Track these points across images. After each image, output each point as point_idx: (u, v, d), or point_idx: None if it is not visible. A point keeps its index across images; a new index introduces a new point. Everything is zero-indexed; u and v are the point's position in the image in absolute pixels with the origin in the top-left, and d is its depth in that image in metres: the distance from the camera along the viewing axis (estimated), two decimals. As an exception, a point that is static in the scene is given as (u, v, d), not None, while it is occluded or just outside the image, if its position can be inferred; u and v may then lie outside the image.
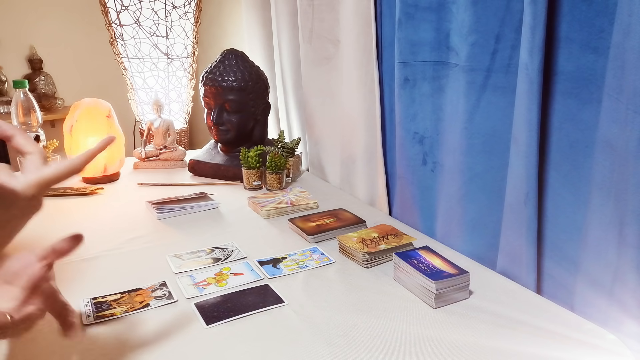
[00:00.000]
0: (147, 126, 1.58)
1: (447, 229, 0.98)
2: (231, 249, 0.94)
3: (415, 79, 0.99)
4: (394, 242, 0.91)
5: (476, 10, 0.81)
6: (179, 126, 2.37)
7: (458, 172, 0.92)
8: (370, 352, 0.63)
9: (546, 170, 0.77)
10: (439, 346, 0.64)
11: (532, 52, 0.70)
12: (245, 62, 1.38)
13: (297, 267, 0.87)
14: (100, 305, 0.74)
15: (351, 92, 1.20)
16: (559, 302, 0.75)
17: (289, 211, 1.15)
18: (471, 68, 0.84)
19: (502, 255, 0.86)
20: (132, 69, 2.21)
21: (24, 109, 1.31)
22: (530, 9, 0.69)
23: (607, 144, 0.67)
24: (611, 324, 0.68)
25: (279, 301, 0.75)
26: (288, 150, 1.39)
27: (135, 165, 1.55)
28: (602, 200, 0.68)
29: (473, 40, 0.83)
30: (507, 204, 0.82)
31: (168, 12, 2.12)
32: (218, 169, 1.42)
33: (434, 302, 0.73)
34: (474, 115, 0.86)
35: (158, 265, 0.88)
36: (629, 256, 0.63)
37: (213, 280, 0.82)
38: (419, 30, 0.95)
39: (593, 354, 0.63)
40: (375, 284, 0.81)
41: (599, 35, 0.66)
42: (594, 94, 0.69)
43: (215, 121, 1.36)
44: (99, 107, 1.36)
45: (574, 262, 0.75)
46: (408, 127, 1.03)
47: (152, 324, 0.69)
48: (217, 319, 0.70)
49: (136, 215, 1.13)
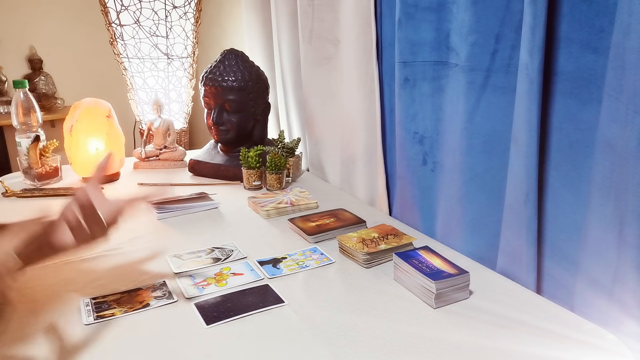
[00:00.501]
0: (147, 126, 1.58)
1: (447, 229, 0.98)
2: (231, 249, 0.94)
3: (415, 79, 0.99)
4: (394, 242, 0.91)
5: (476, 10, 0.81)
6: (179, 126, 2.37)
7: (458, 172, 0.92)
8: (370, 352, 0.63)
9: (546, 170, 0.77)
10: (439, 346, 0.64)
11: (532, 52, 0.70)
12: (245, 62, 1.38)
13: (297, 267, 0.87)
14: (100, 305, 0.74)
15: (351, 92, 1.20)
16: (559, 302, 0.75)
17: (289, 211, 1.15)
18: (471, 68, 0.84)
19: (502, 255, 0.86)
20: (132, 69, 2.21)
21: (24, 109, 1.31)
22: (530, 9, 0.69)
23: (607, 144, 0.67)
24: (611, 324, 0.68)
25: (279, 301, 0.75)
26: (288, 150, 1.39)
27: (135, 165, 1.55)
28: (602, 200, 0.68)
29: (473, 40, 0.83)
30: (507, 204, 0.82)
31: (168, 12, 2.12)
32: (218, 169, 1.42)
33: (434, 302, 0.73)
34: (474, 115, 0.86)
35: (158, 265, 0.88)
36: (629, 256, 0.63)
37: (213, 280, 0.82)
38: (419, 30, 0.95)
39: (593, 354, 0.63)
40: (375, 284, 0.81)
41: (599, 35, 0.66)
42: (594, 94, 0.69)
43: (215, 121, 1.36)
44: (99, 107, 1.36)
45: (574, 262, 0.75)
46: (408, 127, 1.03)
47: (152, 324, 0.69)
48: (217, 319, 0.70)
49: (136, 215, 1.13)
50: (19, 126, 1.32)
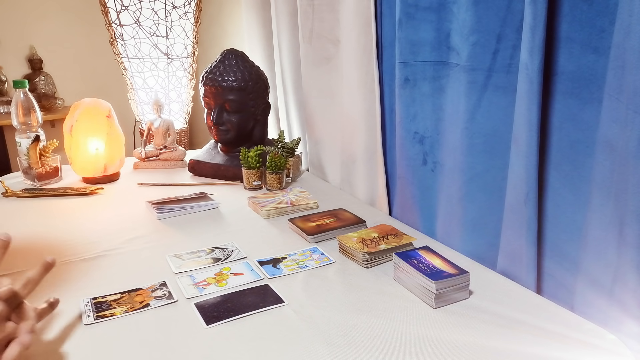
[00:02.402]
0: (147, 126, 1.58)
1: (447, 229, 0.98)
2: (231, 249, 0.94)
3: (415, 79, 0.99)
4: (394, 242, 0.91)
5: (477, 10, 0.81)
6: (179, 126, 2.37)
7: (458, 172, 0.92)
8: (370, 352, 0.63)
9: (546, 170, 0.77)
10: (439, 346, 0.64)
11: (532, 52, 0.70)
12: (245, 62, 1.38)
13: (297, 267, 0.87)
14: (100, 305, 0.74)
15: (351, 92, 1.20)
16: (559, 302, 0.75)
17: (289, 211, 1.15)
18: (472, 68, 0.84)
19: (502, 255, 0.86)
20: (132, 69, 2.21)
21: (24, 109, 1.31)
22: (530, 9, 0.69)
23: (607, 144, 0.67)
24: (611, 324, 0.68)
25: (279, 301, 0.75)
26: (288, 150, 1.39)
27: (135, 165, 1.55)
28: (602, 200, 0.68)
29: (474, 40, 0.83)
30: (507, 204, 0.82)
31: (168, 12, 2.12)
32: (218, 169, 1.42)
33: (434, 302, 0.73)
34: (475, 115, 0.86)
35: (158, 265, 0.87)
36: (629, 256, 0.63)
37: (213, 280, 0.82)
38: (419, 30, 0.95)
39: (593, 354, 0.63)
40: (375, 284, 0.81)
41: (600, 35, 0.66)
42: (595, 94, 0.69)
43: (215, 121, 1.36)
44: (99, 107, 1.36)
45: (574, 262, 0.75)
46: (408, 127, 1.03)
47: (152, 324, 0.69)
48: (217, 319, 0.70)
49: (136, 215, 1.13)
50: (19, 126, 1.32)
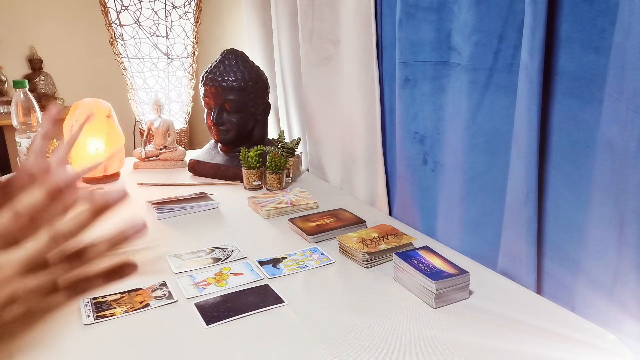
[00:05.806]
0: (147, 126, 1.58)
1: (447, 229, 0.98)
2: (231, 249, 0.94)
3: (415, 79, 0.99)
4: (394, 242, 0.91)
5: (479, 10, 0.81)
6: (179, 126, 2.37)
7: (459, 171, 0.92)
8: (370, 352, 0.63)
9: (547, 170, 0.77)
10: (438, 346, 0.64)
11: (532, 52, 0.70)
12: (245, 62, 1.38)
13: (297, 267, 0.87)
14: (100, 305, 0.74)
15: (351, 92, 1.20)
16: (559, 302, 0.75)
17: (289, 211, 1.15)
18: (474, 67, 0.84)
19: (502, 255, 0.86)
20: (132, 69, 2.20)
21: (24, 109, 1.30)
22: (530, 9, 0.69)
23: (607, 144, 0.67)
24: (611, 324, 0.68)
25: (279, 301, 0.75)
26: (288, 150, 1.39)
27: (135, 165, 1.55)
28: (603, 200, 0.68)
29: (476, 39, 0.83)
30: (507, 204, 0.82)
31: (168, 12, 2.12)
32: (218, 169, 1.41)
33: (434, 302, 0.73)
34: (477, 114, 0.86)
35: (158, 265, 0.87)
36: (629, 256, 0.63)
37: (213, 280, 0.82)
38: (419, 30, 0.95)
39: (593, 354, 0.63)
40: (375, 284, 0.81)
41: (600, 35, 0.66)
42: (595, 94, 0.68)
43: (215, 121, 1.36)
44: (99, 107, 1.36)
45: (574, 262, 0.75)
46: (408, 127, 1.03)
47: (152, 324, 0.69)
48: (217, 319, 0.70)
49: (136, 215, 1.13)
50: (19, 126, 1.32)
